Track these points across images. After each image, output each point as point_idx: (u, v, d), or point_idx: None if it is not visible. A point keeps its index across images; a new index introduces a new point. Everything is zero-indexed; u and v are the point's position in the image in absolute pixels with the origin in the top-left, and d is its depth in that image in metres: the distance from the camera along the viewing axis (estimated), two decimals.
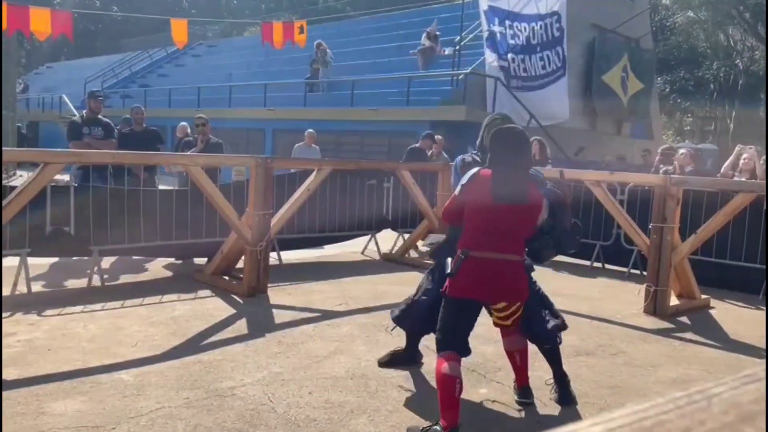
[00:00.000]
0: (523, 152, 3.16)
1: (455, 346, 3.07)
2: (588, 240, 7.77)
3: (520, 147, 3.15)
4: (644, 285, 5.80)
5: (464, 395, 3.58)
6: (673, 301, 5.78)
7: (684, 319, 5.56)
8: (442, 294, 3.17)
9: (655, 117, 20.31)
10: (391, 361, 3.93)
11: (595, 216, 7.47)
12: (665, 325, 5.33)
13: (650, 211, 5.81)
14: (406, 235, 8.12)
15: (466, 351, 3.14)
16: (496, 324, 3.39)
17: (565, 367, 4.07)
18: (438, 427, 2.93)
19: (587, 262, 7.86)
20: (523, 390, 3.50)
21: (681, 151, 8.91)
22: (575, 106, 15.32)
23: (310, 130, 10.72)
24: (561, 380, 3.54)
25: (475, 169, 3.16)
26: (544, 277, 7.16)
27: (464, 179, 3.15)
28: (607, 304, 5.92)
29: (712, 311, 5.90)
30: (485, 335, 4.58)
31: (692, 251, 5.88)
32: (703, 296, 6.03)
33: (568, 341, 4.68)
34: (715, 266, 6.78)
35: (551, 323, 3.50)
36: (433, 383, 3.73)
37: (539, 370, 3.75)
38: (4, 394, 3.25)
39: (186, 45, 16.99)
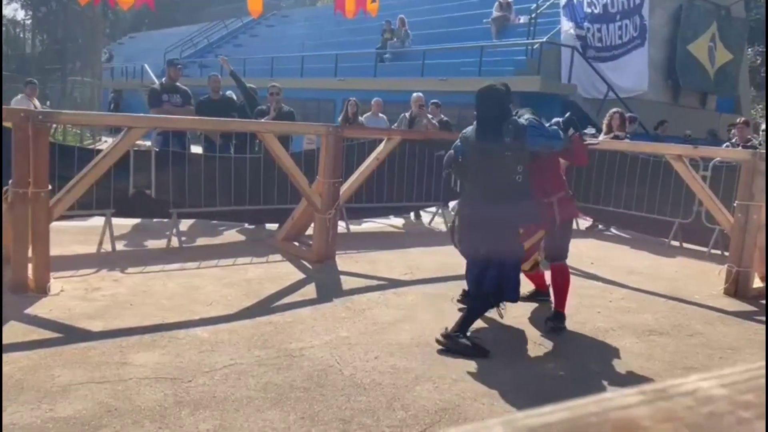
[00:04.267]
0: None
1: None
2: (666, 217, 7.46)
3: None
4: (725, 265, 5.53)
5: (534, 367, 3.55)
6: (757, 283, 5.48)
7: None
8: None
9: (744, 90, 19.05)
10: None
11: (674, 192, 7.15)
12: (747, 307, 5.07)
13: (735, 189, 5.51)
14: None
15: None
16: None
17: (638, 346, 3.98)
18: None
19: (665, 240, 7.56)
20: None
21: (762, 126, 8.39)
22: (656, 77, 14.55)
23: (377, 99, 10.54)
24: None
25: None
26: (620, 254, 7.03)
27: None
28: (685, 284, 5.69)
29: None
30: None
31: None
32: None
33: (641, 320, 4.56)
34: None
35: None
36: (498, 353, 3.72)
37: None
38: (91, 344, 3.48)
39: (261, 15, 17.23)
